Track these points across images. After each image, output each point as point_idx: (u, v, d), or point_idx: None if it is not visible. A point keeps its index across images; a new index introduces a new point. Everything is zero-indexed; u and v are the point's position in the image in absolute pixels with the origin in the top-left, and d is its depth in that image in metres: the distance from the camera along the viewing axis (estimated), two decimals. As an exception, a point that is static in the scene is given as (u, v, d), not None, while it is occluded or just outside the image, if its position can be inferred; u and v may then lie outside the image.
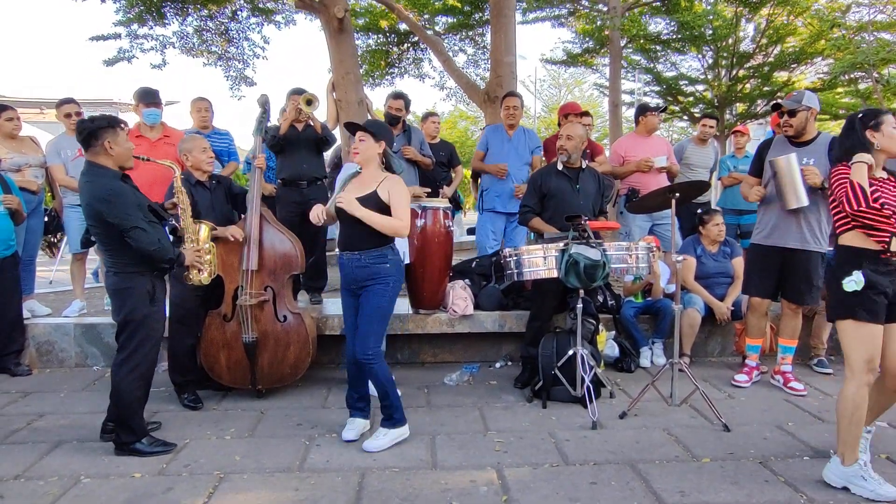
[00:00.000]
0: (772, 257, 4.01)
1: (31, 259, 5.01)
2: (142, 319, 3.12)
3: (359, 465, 3.03)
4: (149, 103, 4.68)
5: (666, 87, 16.11)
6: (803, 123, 3.89)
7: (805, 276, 3.95)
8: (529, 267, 3.77)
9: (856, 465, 2.71)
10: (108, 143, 3.07)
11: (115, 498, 2.72)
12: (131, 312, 3.12)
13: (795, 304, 4.09)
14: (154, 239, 3.09)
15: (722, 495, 2.72)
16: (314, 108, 4.60)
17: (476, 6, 11.31)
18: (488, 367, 4.76)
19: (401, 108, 5.12)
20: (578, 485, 2.83)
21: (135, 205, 3.08)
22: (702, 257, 4.82)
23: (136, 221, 3.04)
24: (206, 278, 3.55)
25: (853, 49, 11.51)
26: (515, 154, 5.34)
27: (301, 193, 4.72)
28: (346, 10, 6.69)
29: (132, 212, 3.04)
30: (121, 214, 3.02)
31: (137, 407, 3.17)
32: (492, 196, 5.37)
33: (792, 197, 3.80)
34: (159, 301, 3.24)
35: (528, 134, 5.51)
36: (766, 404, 3.91)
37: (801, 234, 3.92)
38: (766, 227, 4.07)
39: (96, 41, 9.22)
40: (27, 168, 4.84)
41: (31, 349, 4.69)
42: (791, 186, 3.79)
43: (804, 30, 13.89)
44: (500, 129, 5.45)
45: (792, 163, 3.78)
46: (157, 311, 3.21)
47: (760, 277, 4.12)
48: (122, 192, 3.07)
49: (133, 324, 3.13)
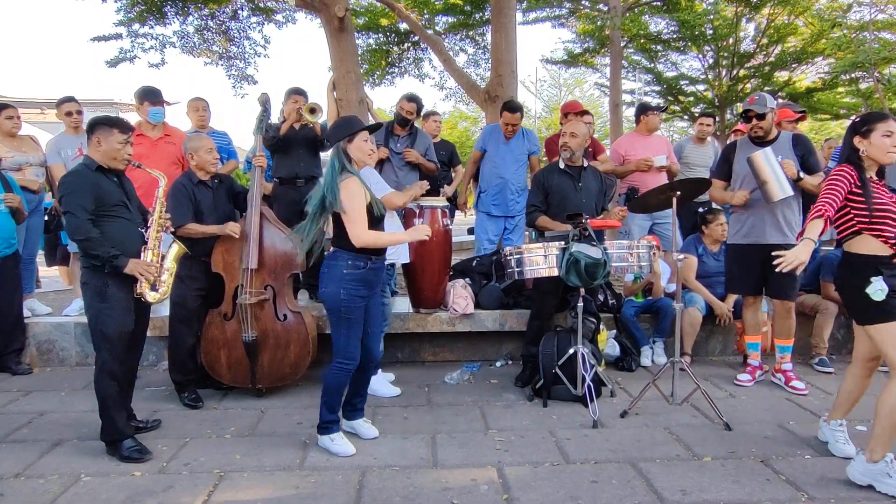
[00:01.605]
0: (752, 255, 4.05)
1: (31, 258, 5.01)
2: (94, 315, 3.08)
3: (359, 464, 3.03)
4: (154, 102, 4.68)
5: (666, 86, 16.11)
6: (771, 124, 4.05)
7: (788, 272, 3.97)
8: (530, 265, 3.76)
9: (882, 463, 2.70)
10: (98, 139, 3.10)
11: (116, 496, 2.72)
12: (88, 308, 3.12)
13: (781, 301, 4.12)
14: (83, 228, 2.97)
15: (723, 494, 2.72)
16: (317, 118, 4.58)
17: (477, 5, 11.30)
18: (489, 366, 4.76)
19: (412, 112, 5.04)
20: (579, 483, 2.82)
21: (84, 192, 3.01)
22: (703, 256, 4.82)
23: (70, 206, 2.99)
24: (155, 297, 3.21)
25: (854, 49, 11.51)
26: (512, 157, 5.35)
27: (298, 192, 4.71)
28: (346, 9, 6.69)
29: (75, 197, 3.00)
30: (64, 197, 3.02)
31: (110, 405, 3.10)
32: (488, 200, 5.38)
33: (776, 189, 3.85)
34: (112, 299, 3.07)
35: (528, 135, 5.49)
36: (767, 403, 3.91)
37: (780, 229, 3.99)
38: (743, 225, 4.12)
39: (98, 41, 9.23)
40: (28, 167, 4.84)
41: (31, 348, 4.68)
42: (774, 179, 3.85)
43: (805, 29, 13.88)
44: (499, 131, 5.43)
45: (770, 156, 3.87)
46: (111, 309, 3.06)
47: (743, 276, 4.17)
48: (76, 177, 3.06)
49: (90, 321, 3.11)
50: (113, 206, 3.11)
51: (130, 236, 3.16)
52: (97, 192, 3.05)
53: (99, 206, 3.05)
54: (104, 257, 3.00)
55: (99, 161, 3.12)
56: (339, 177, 3.00)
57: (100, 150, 3.12)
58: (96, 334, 3.09)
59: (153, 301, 3.21)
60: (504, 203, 5.34)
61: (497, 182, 5.33)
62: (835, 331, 4.85)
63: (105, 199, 3.08)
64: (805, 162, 3.99)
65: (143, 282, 3.13)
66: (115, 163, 3.15)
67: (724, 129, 14.55)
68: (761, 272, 4.06)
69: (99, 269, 3.05)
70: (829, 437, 3.18)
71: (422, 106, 5.20)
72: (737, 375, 4.35)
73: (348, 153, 3.05)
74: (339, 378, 3.12)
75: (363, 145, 3.08)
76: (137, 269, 3.08)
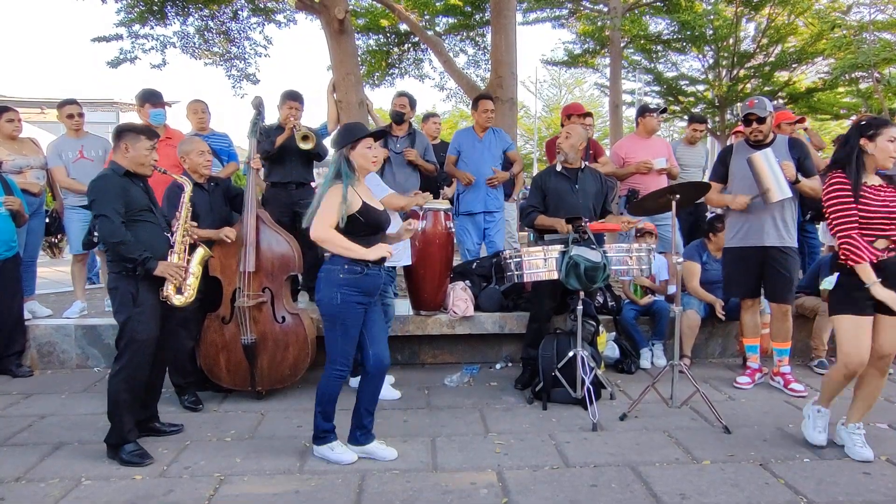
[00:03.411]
0: (750, 258, 4.07)
1: (31, 260, 5.02)
2: (125, 321, 3.12)
3: (359, 467, 3.03)
4: (155, 104, 4.70)
5: (666, 87, 16.12)
6: (770, 127, 4.09)
7: (783, 274, 4.02)
8: (529, 269, 3.77)
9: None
10: (126, 145, 3.19)
11: (116, 500, 2.73)
12: (117, 314, 3.16)
13: (778, 303, 4.12)
14: (118, 232, 3.03)
15: (722, 497, 2.72)
16: (308, 146, 4.56)
17: (477, 6, 11.30)
18: (489, 369, 4.76)
19: (405, 105, 5.13)
20: (579, 487, 2.83)
21: (115, 196, 3.07)
22: (706, 264, 4.81)
23: (104, 210, 3.05)
24: (182, 300, 3.24)
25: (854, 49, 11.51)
26: (489, 153, 5.39)
27: (290, 195, 4.74)
28: (346, 11, 6.68)
29: (107, 201, 3.06)
30: (96, 201, 3.08)
31: (122, 409, 3.13)
32: (467, 199, 5.39)
33: (776, 190, 3.86)
34: (144, 304, 3.13)
35: (499, 134, 5.56)
36: (766, 406, 3.92)
37: (777, 231, 4.01)
38: (740, 228, 4.13)
39: (98, 42, 9.23)
40: (28, 170, 4.84)
41: (32, 350, 4.69)
42: (773, 180, 3.86)
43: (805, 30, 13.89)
44: (470, 131, 5.53)
45: (770, 157, 3.89)
46: (142, 314, 3.12)
47: (741, 278, 4.18)
48: (106, 182, 3.12)
49: (120, 326, 3.15)
50: (140, 211, 3.19)
51: (158, 240, 3.23)
52: (126, 196, 3.13)
53: (127, 210, 3.13)
54: (138, 259, 3.07)
55: (126, 167, 3.20)
56: (327, 185, 3.00)
57: (127, 157, 3.20)
58: (125, 338, 3.14)
59: (179, 304, 3.26)
60: (482, 199, 5.36)
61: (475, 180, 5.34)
62: (834, 333, 4.85)
63: (133, 203, 3.15)
64: (801, 165, 4.00)
65: (169, 285, 3.19)
66: (142, 168, 3.23)
67: (723, 129, 14.55)
68: (759, 275, 4.07)
69: (129, 274, 3.11)
70: (847, 440, 3.17)
71: (413, 100, 5.24)
72: (736, 378, 4.35)
73: (350, 160, 3.04)
74: (333, 385, 3.07)
75: (367, 152, 3.05)
76: (168, 271, 3.16)
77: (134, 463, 3.07)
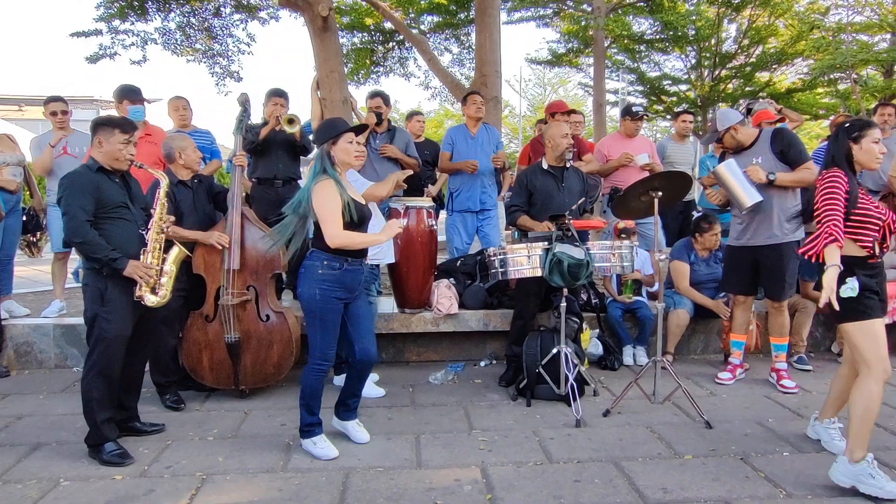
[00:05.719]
0: (744, 256, 4.11)
1: (8, 258, 4.93)
2: (93, 318, 3.07)
3: (343, 465, 3.02)
4: (133, 100, 4.63)
5: (649, 86, 16.28)
6: (732, 140, 4.09)
7: (778, 272, 4.05)
8: (514, 266, 3.77)
9: (864, 463, 2.68)
10: (100, 139, 3.10)
11: (96, 501, 2.69)
12: (87, 310, 3.11)
13: (772, 301, 4.16)
14: (81, 230, 2.96)
15: (703, 492, 2.75)
16: (295, 129, 4.56)
17: (461, 5, 11.32)
18: (473, 366, 4.77)
19: (380, 106, 5.07)
20: (562, 483, 2.84)
21: (82, 193, 2.99)
22: (695, 264, 4.84)
23: (70, 207, 2.98)
24: (155, 300, 3.16)
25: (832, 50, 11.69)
26: (482, 150, 5.39)
27: (276, 192, 4.71)
28: (330, 8, 6.66)
29: (74, 198, 2.98)
30: (63, 198, 3.00)
31: (95, 408, 3.07)
32: (463, 197, 5.39)
33: (744, 198, 3.91)
34: (112, 302, 3.06)
35: (490, 131, 5.57)
36: (747, 401, 3.96)
37: (770, 230, 4.01)
38: (737, 229, 4.17)
39: (77, 37, 9.09)
40: (5, 167, 4.75)
41: (9, 350, 4.61)
42: (740, 188, 3.91)
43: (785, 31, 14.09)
44: (463, 128, 5.52)
45: (732, 167, 3.94)
46: (109, 312, 3.05)
47: (736, 276, 4.22)
48: (75, 179, 3.04)
49: (88, 322, 3.10)
50: (114, 208, 3.09)
51: (131, 238, 3.14)
52: (97, 193, 3.04)
53: (99, 207, 3.04)
54: (103, 260, 2.99)
55: (101, 162, 3.11)
56: (315, 180, 2.98)
57: (102, 151, 3.11)
58: (93, 336, 3.08)
59: (153, 305, 3.17)
60: (478, 197, 5.36)
61: (470, 177, 5.34)
62: (813, 329, 4.93)
63: (106, 200, 3.06)
64: (785, 156, 3.97)
65: (142, 285, 3.11)
66: (117, 163, 3.13)
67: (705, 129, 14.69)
68: (754, 273, 4.11)
69: (99, 271, 3.04)
70: (824, 435, 3.21)
71: (387, 97, 5.21)
72: (718, 374, 4.40)
73: (332, 155, 3.03)
74: (314, 379, 3.10)
75: (348, 147, 3.05)
76: (137, 272, 3.06)
77: (114, 463, 3.02)
